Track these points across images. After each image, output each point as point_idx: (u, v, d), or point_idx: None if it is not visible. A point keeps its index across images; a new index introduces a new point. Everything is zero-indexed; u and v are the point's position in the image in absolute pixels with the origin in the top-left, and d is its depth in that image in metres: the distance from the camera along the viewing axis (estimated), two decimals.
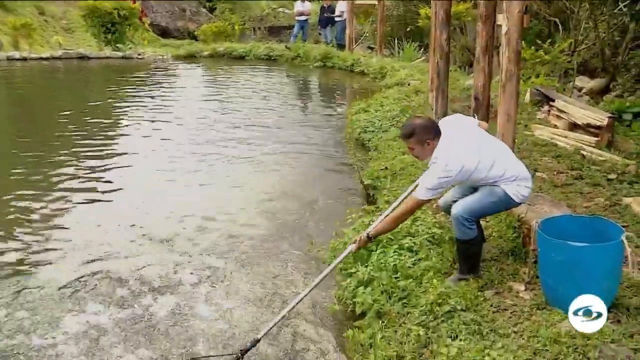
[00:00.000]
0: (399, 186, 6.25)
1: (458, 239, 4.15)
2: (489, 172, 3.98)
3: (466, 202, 4.08)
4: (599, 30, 12.76)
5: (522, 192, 4.04)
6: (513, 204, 4.11)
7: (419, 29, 16.90)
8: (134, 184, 7.38)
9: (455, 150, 3.96)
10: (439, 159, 3.95)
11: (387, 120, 9.17)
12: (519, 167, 4.11)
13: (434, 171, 3.95)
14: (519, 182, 4.01)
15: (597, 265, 3.53)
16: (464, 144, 4.02)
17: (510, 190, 4.00)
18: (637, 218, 5.13)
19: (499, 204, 4.09)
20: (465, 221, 4.04)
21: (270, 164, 8.15)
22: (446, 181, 3.95)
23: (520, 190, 4.02)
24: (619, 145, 7.57)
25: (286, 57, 18.16)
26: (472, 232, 4.09)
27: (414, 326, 3.68)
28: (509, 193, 3.99)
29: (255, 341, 3.94)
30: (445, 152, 3.95)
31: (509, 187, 4.00)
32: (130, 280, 4.96)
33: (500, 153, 4.12)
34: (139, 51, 19.56)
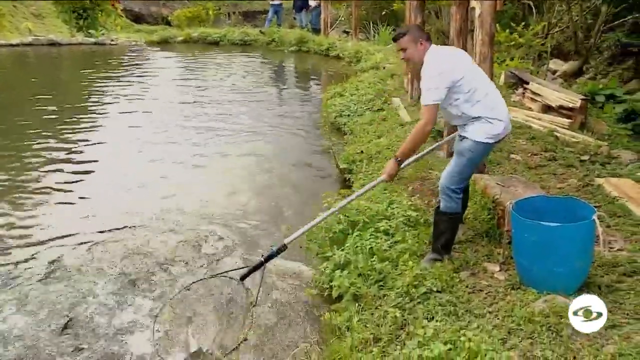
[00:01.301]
0: (374, 170, 6.26)
1: (442, 210, 4.18)
2: (474, 95, 3.99)
3: (447, 171, 4.14)
4: (572, 13, 12.85)
5: (494, 131, 4.03)
6: (489, 147, 4.12)
7: (394, 12, 16.88)
8: (106, 169, 7.33)
9: (444, 52, 4.11)
10: (430, 62, 3.98)
11: (362, 104, 9.17)
12: (498, 97, 4.14)
13: (427, 74, 3.95)
14: (494, 114, 4.01)
15: (570, 245, 3.57)
16: (452, 53, 4.21)
17: (479, 136, 4.01)
18: (608, 198, 5.20)
19: (476, 156, 4.10)
20: (451, 192, 4.10)
21: (245, 150, 8.10)
22: (441, 78, 3.91)
23: (491, 130, 4.01)
24: (591, 126, 7.66)
25: (261, 41, 18.05)
26: (457, 206, 4.15)
27: (390, 308, 3.70)
28: (479, 139, 4.01)
29: (281, 247, 4.00)
30: (435, 54, 4.02)
31: (479, 130, 4.00)
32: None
33: (484, 80, 4.15)
34: (111, 37, 19.27)
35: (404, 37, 4.06)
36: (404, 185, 5.76)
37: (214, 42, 18.69)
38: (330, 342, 3.74)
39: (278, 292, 4.53)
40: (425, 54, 4.03)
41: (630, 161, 6.41)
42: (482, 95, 4.02)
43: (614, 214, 4.90)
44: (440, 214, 4.21)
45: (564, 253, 3.56)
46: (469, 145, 4.05)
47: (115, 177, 7.06)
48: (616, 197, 5.21)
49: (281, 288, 4.59)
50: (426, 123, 3.93)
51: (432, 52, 4.05)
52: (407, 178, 5.89)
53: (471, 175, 4.40)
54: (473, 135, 4.03)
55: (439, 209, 4.21)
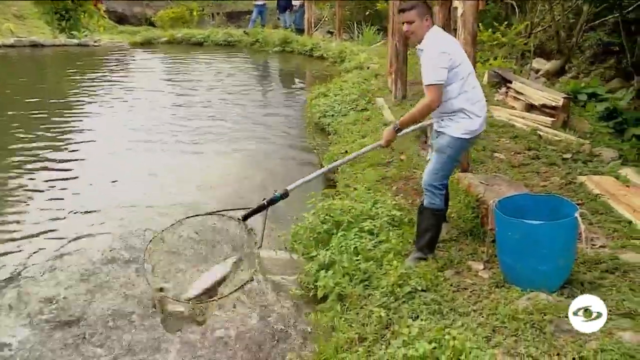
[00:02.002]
0: (358, 170, 6.27)
1: (425, 206, 4.21)
2: (464, 85, 4.05)
3: (429, 169, 4.20)
4: (554, 12, 12.95)
5: (471, 127, 4.09)
6: (465, 143, 4.18)
7: (378, 12, 16.92)
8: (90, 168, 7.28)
9: (445, 35, 4.20)
10: (432, 41, 4.02)
11: (346, 104, 9.18)
12: (481, 92, 4.21)
13: (429, 53, 3.98)
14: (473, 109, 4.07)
15: (553, 242, 3.60)
16: (452, 38, 4.30)
17: (456, 132, 4.07)
18: (591, 196, 5.25)
19: (455, 151, 4.15)
20: (434, 188, 4.16)
21: (230, 150, 8.08)
22: (442, 58, 3.93)
23: (468, 126, 4.07)
24: (574, 125, 7.72)
25: (245, 42, 17.99)
26: (440, 202, 4.20)
27: (375, 308, 3.70)
28: (456, 135, 4.07)
29: (284, 193, 3.92)
30: (437, 35, 4.08)
31: (457, 125, 4.07)
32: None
33: (473, 74, 4.21)
34: (94, 38, 19.12)
35: (412, 10, 4.02)
36: (388, 185, 5.77)
37: (197, 43, 18.59)
38: (316, 343, 3.75)
39: (263, 295, 4.52)
40: (428, 32, 4.06)
41: (612, 159, 6.48)
42: (470, 86, 4.08)
43: (596, 211, 4.95)
44: (425, 210, 4.23)
45: (547, 251, 3.58)
46: (447, 142, 4.10)
47: (99, 176, 7.03)
48: (598, 195, 5.25)
49: (266, 290, 4.58)
50: (432, 101, 3.96)
51: (435, 31, 4.10)
52: (391, 178, 5.90)
53: (452, 171, 4.43)
54: (451, 131, 4.09)
55: (423, 205, 4.24)
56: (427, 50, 4.02)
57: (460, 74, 4.03)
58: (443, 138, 4.13)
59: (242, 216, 4.24)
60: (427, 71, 3.97)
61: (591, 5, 11.69)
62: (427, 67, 3.98)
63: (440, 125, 4.19)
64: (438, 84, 3.94)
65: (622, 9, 10.83)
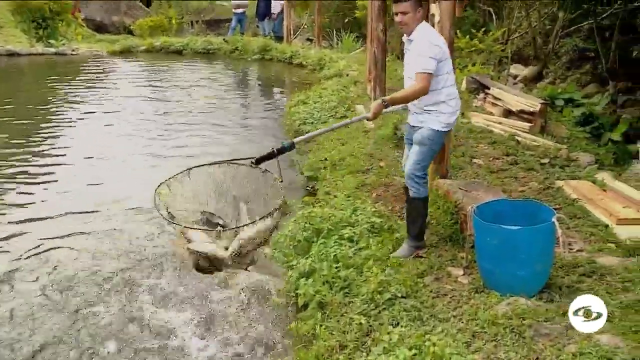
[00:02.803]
0: (337, 177, 6.27)
1: (414, 197, 4.39)
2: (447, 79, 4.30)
3: (411, 161, 4.37)
4: (530, 19, 13.10)
5: (449, 120, 4.36)
6: (444, 135, 4.44)
7: (357, 19, 16.97)
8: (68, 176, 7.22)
9: (434, 30, 4.56)
10: (425, 32, 4.24)
11: (325, 112, 9.19)
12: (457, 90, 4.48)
13: (422, 43, 4.17)
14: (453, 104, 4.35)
15: (531, 247, 3.62)
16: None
17: (437, 125, 4.30)
18: (568, 200, 5.31)
19: (435, 143, 4.38)
20: (418, 178, 4.36)
21: (209, 158, 8.02)
22: (434, 49, 4.14)
23: (447, 119, 4.34)
24: (551, 130, 7.80)
25: (224, 50, 17.94)
26: (425, 189, 4.41)
27: (355, 315, 3.70)
28: (437, 128, 4.31)
29: (291, 144, 4.15)
30: (428, 28, 4.35)
31: (436, 119, 4.30)
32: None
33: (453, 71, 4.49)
34: (72, 47, 18.94)
35: (407, 1, 4.17)
36: (368, 192, 5.78)
37: (177, 51, 18.50)
38: (297, 351, 3.73)
39: (244, 303, 4.51)
40: (418, 25, 4.24)
41: (588, 163, 6.56)
42: (451, 82, 4.34)
43: (574, 215, 5.00)
44: (412, 201, 4.42)
45: (525, 255, 3.61)
46: (428, 134, 4.31)
47: (76, 184, 6.97)
48: (575, 199, 5.31)
49: (247, 299, 4.57)
50: (422, 88, 4.15)
51: (425, 24, 4.32)
52: (371, 185, 5.91)
53: (431, 161, 4.62)
54: (431, 124, 4.30)
55: (410, 197, 4.42)
56: (418, 41, 4.21)
57: (446, 69, 4.27)
58: (424, 131, 4.32)
59: (253, 161, 4.29)
60: (419, 60, 4.14)
61: (566, 12, 11.83)
62: (418, 56, 4.15)
63: (419, 120, 4.38)
64: (428, 72, 4.13)
65: (596, 15, 10.99)
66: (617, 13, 10.59)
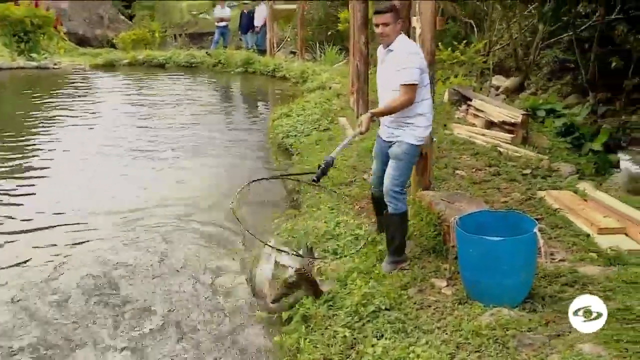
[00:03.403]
0: (320, 190, 6.26)
1: (393, 213, 4.38)
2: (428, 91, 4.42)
3: (390, 176, 4.37)
4: (511, 31, 13.24)
5: (424, 134, 4.44)
6: (419, 149, 4.54)
7: (339, 32, 17.05)
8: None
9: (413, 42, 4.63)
10: (405, 44, 4.32)
11: (309, 124, 9.21)
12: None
13: (405, 54, 4.24)
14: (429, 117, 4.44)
15: (513, 258, 3.65)
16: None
17: (412, 139, 4.35)
18: (550, 210, 5.34)
19: (412, 157, 4.46)
20: (397, 194, 4.35)
21: (193, 171, 8.02)
22: (416, 59, 4.24)
23: (421, 133, 4.40)
24: (533, 141, 7.86)
25: (207, 63, 17.92)
26: (403, 205, 4.41)
27: (340, 328, 3.70)
28: (413, 142, 4.36)
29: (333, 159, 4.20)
30: (407, 39, 4.44)
31: (412, 133, 4.35)
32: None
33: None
34: (54, 61, 18.84)
35: (388, 12, 4.23)
36: (351, 204, 5.79)
37: (160, 65, 18.45)
38: None
39: (227, 317, 4.48)
40: (396, 39, 4.30)
41: (570, 173, 6.61)
42: (429, 94, 4.41)
43: (556, 225, 5.04)
44: (392, 216, 4.41)
45: (507, 266, 3.63)
46: (405, 148, 4.34)
47: (57, 198, 6.93)
48: (557, 209, 5.35)
49: (231, 312, 4.55)
50: (409, 99, 4.22)
51: (404, 36, 4.40)
52: (354, 197, 5.92)
53: (410, 175, 4.68)
54: (407, 138, 4.34)
55: (390, 214, 4.39)
56: (399, 52, 4.27)
57: (425, 81, 4.34)
58: (400, 146, 4.35)
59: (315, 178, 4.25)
60: (404, 71, 4.19)
61: (546, 24, 11.98)
62: (405, 66, 4.19)
63: (394, 134, 4.40)
64: (414, 83, 4.20)
65: (575, 28, 11.14)
66: (595, 25, 10.75)
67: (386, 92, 4.42)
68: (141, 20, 25.07)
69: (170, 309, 4.59)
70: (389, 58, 4.34)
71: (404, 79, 4.18)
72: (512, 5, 13.14)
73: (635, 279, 3.99)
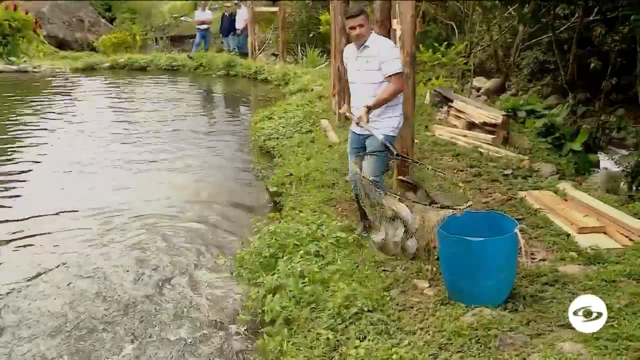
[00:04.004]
0: (303, 192, 6.28)
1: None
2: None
3: (371, 168, 4.67)
4: (491, 32, 13.34)
5: (399, 124, 4.83)
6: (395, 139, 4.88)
7: (321, 35, 17.07)
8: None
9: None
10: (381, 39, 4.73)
11: (290, 127, 9.20)
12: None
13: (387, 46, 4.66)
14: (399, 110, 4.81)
15: (494, 258, 3.67)
16: None
17: (389, 130, 4.69)
18: (531, 210, 5.38)
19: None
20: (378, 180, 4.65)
21: (174, 175, 7.98)
22: (397, 51, 4.74)
23: (397, 124, 4.81)
24: (514, 141, 7.92)
25: (189, 66, 17.84)
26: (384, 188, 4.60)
27: (322, 330, 3.69)
28: (390, 133, 4.69)
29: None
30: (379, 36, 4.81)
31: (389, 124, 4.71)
32: None
33: None
34: (34, 64, 18.65)
35: (361, 15, 4.60)
36: (333, 206, 5.79)
37: (141, 68, 18.33)
38: None
39: (210, 322, 4.47)
40: (369, 37, 4.66)
41: (550, 174, 6.67)
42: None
43: (536, 225, 5.07)
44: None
45: (488, 267, 3.65)
46: (384, 139, 4.57)
47: (37, 202, 6.88)
48: (538, 209, 5.39)
49: (213, 317, 4.53)
50: (400, 88, 4.67)
51: (374, 34, 4.78)
52: (336, 199, 5.93)
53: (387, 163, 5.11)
54: (385, 130, 4.63)
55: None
56: (379, 46, 4.62)
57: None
58: (376, 139, 4.58)
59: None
60: (389, 63, 4.56)
61: (526, 25, 12.08)
62: (392, 57, 4.58)
63: (372, 127, 4.60)
64: (401, 72, 4.63)
65: (555, 29, 11.23)
66: (574, 27, 10.85)
67: (362, 86, 4.73)
68: (122, 23, 24.92)
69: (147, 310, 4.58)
70: (365, 54, 4.65)
71: (393, 69, 4.57)
72: (492, 7, 13.25)
73: (614, 277, 4.03)
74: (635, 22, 7.80)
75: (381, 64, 4.58)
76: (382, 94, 4.61)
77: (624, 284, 3.96)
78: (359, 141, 4.86)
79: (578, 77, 10.78)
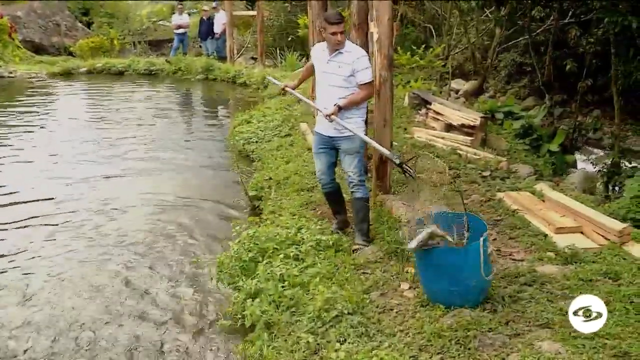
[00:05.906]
0: (283, 195, 6.26)
1: (362, 197, 4.90)
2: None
3: (354, 168, 4.86)
4: (469, 35, 13.43)
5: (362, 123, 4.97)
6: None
7: (300, 38, 17.09)
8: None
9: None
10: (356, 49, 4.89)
11: (270, 130, 9.19)
12: None
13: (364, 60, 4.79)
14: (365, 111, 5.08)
15: (462, 266, 3.68)
16: None
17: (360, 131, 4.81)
18: (509, 211, 5.41)
19: (363, 145, 4.95)
20: (362, 181, 4.89)
21: (152, 179, 7.92)
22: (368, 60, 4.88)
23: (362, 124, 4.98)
24: (492, 143, 7.99)
25: (167, 71, 17.76)
26: (366, 190, 4.99)
27: (303, 334, 3.69)
28: (361, 134, 4.79)
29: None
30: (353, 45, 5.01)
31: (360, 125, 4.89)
32: None
33: None
34: (9, 69, 18.44)
35: (342, 22, 4.75)
36: (313, 209, 5.78)
37: (119, 73, 18.20)
38: None
39: (189, 327, 4.44)
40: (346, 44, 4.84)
41: (528, 174, 6.74)
42: None
43: (515, 226, 5.11)
44: (361, 200, 4.90)
45: (455, 275, 3.68)
46: (360, 142, 4.83)
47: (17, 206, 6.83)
48: (516, 210, 5.43)
49: (193, 322, 4.50)
50: (371, 94, 5.02)
51: (349, 42, 4.94)
52: (316, 202, 5.92)
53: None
54: (356, 131, 4.74)
55: (359, 198, 4.90)
56: (354, 53, 4.78)
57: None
58: (353, 141, 4.82)
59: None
60: (366, 71, 4.76)
61: (502, 28, 12.18)
62: (366, 66, 4.76)
63: (339, 130, 4.81)
64: (372, 81, 4.92)
65: (531, 32, 11.34)
66: (550, 29, 10.96)
67: (328, 88, 4.86)
68: (100, 27, 24.71)
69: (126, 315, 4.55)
70: (339, 59, 4.79)
71: (367, 78, 4.78)
72: (470, 10, 13.36)
73: (591, 277, 4.08)
74: (608, 24, 7.90)
75: (355, 72, 4.74)
76: (355, 97, 4.78)
77: (600, 283, 4.01)
78: (326, 142, 4.97)
79: (554, 79, 10.89)
